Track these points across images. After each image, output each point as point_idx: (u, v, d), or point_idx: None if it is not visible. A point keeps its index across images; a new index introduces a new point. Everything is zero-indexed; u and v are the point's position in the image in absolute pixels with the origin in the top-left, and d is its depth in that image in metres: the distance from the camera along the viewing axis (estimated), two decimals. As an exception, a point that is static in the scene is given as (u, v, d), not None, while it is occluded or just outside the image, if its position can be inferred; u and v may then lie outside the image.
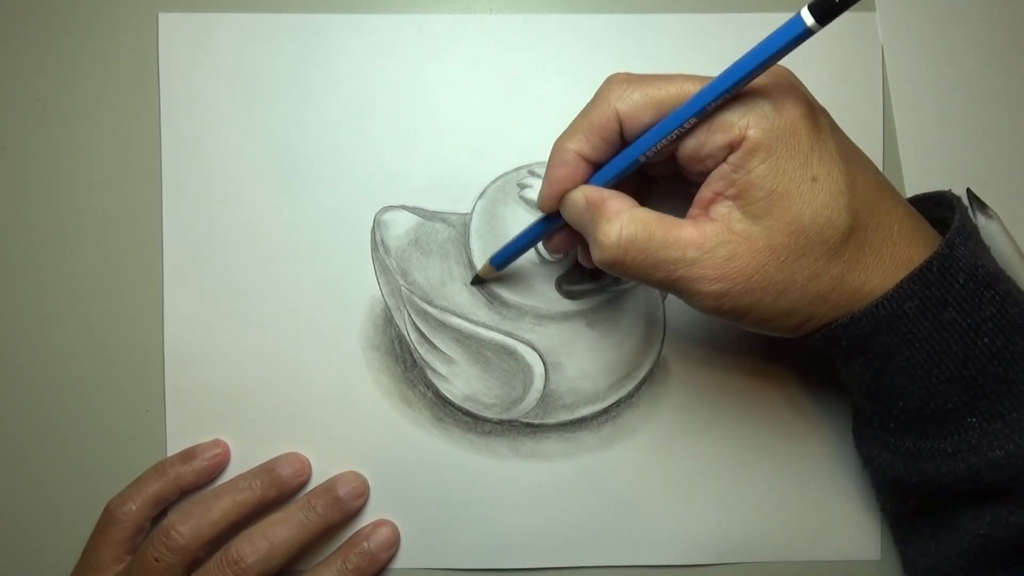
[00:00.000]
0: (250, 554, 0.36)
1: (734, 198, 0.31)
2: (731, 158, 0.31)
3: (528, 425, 0.41)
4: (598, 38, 0.42)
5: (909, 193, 0.42)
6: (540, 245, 0.41)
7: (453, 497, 0.41)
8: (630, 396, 0.42)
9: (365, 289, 0.41)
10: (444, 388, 0.41)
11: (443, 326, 0.41)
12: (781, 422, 0.42)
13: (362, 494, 0.41)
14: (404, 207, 0.42)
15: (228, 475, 0.41)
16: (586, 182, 0.34)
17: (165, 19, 0.42)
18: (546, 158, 0.42)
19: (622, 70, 0.42)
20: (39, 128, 0.42)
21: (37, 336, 0.42)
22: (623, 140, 0.33)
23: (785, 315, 0.32)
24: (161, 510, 0.40)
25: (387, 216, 0.42)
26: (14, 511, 0.42)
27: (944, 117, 0.43)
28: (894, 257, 0.31)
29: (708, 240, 0.31)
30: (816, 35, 0.44)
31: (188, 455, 0.40)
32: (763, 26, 0.42)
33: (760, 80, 0.31)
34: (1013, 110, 0.43)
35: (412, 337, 0.41)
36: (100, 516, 0.39)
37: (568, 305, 0.41)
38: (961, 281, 0.31)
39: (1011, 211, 0.42)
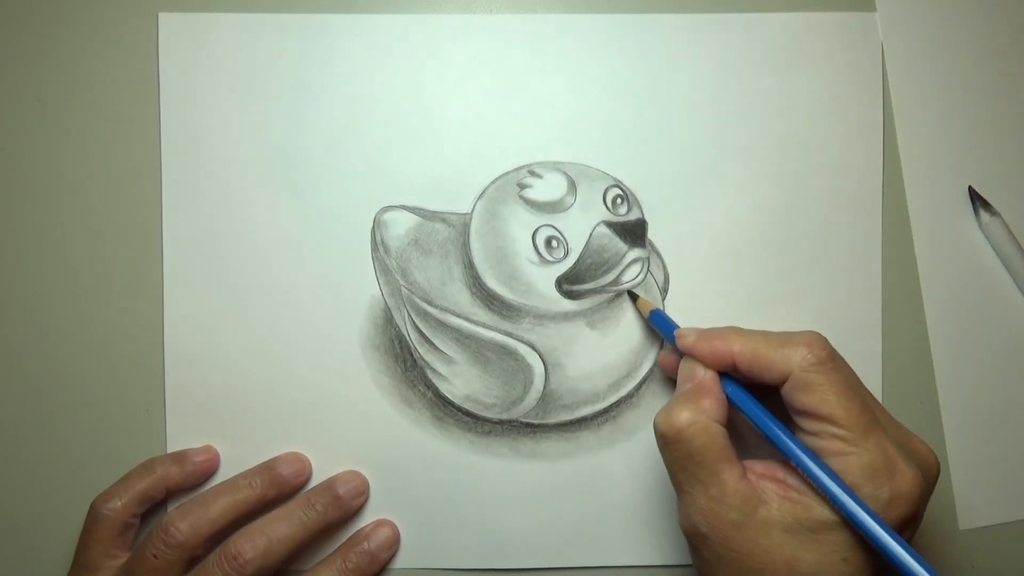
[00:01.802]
0: (249, 550, 0.36)
1: (786, 500, 0.32)
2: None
3: (528, 425, 0.41)
4: (598, 38, 0.42)
5: (909, 194, 0.42)
6: (542, 244, 0.41)
7: (453, 497, 0.41)
8: (630, 396, 0.42)
9: (365, 289, 0.41)
10: (444, 388, 0.41)
11: (443, 326, 0.41)
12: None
13: (362, 493, 0.41)
14: (404, 207, 0.42)
15: (227, 475, 0.40)
16: (722, 371, 0.35)
17: (165, 19, 0.42)
18: (546, 158, 0.42)
19: (622, 70, 0.42)
20: (39, 128, 0.42)
21: (37, 336, 0.42)
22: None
23: None
24: (149, 507, 0.40)
25: (387, 216, 0.42)
26: (14, 511, 0.42)
27: (944, 116, 0.43)
28: None
29: (735, 498, 0.32)
30: (816, 35, 0.44)
31: (178, 457, 0.40)
32: (763, 26, 0.42)
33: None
34: (1013, 109, 0.43)
35: (412, 337, 0.41)
36: (87, 514, 0.39)
37: (568, 305, 0.41)
38: None
39: (1012, 210, 0.42)
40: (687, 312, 0.41)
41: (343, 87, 0.42)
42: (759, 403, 0.34)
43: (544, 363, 0.41)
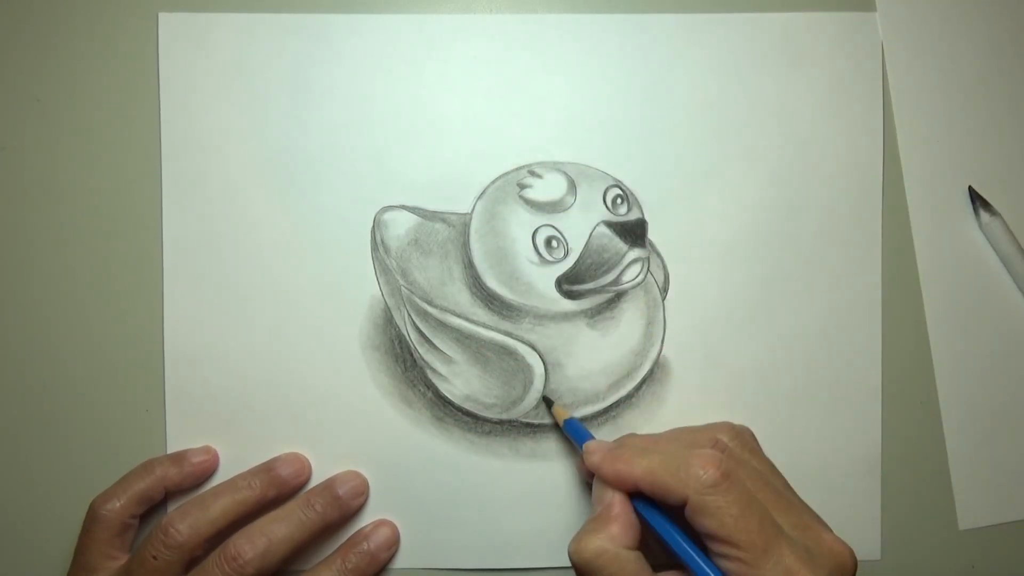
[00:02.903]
0: (248, 551, 0.36)
1: None
2: None
3: (528, 425, 0.41)
4: (598, 38, 0.42)
5: (909, 194, 0.42)
6: (542, 244, 0.41)
7: (453, 497, 0.41)
8: (630, 396, 0.42)
9: (365, 289, 0.41)
10: (444, 388, 0.41)
11: (443, 326, 0.41)
12: (780, 423, 0.42)
13: (361, 493, 0.41)
14: (404, 207, 0.42)
15: (227, 475, 0.40)
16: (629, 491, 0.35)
17: (165, 19, 0.42)
18: (546, 158, 0.42)
19: (622, 70, 0.42)
20: (39, 128, 0.42)
21: (37, 336, 0.42)
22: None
23: None
24: (148, 508, 0.40)
25: (387, 216, 0.41)
26: (13, 511, 0.42)
27: (944, 116, 0.43)
28: None
29: None
30: (816, 35, 0.44)
31: (177, 458, 0.40)
32: (763, 26, 0.42)
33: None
34: (1013, 109, 0.43)
35: (412, 337, 0.41)
36: (85, 515, 0.39)
37: (568, 305, 0.41)
38: None
39: (1012, 210, 0.42)
40: (687, 312, 0.41)
41: (343, 87, 0.42)
42: (671, 523, 0.33)
43: (544, 363, 0.41)
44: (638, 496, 0.34)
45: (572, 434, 0.39)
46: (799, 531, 0.33)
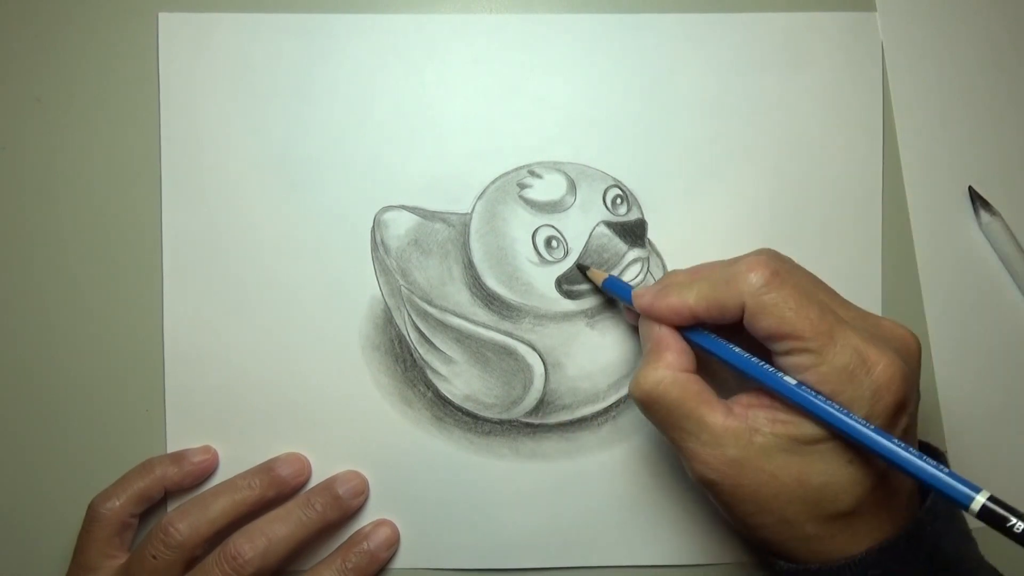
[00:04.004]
0: (248, 550, 0.36)
1: (778, 422, 0.32)
2: None
3: (528, 425, 0.41)
4: (598, 38, 0.42)
5: (909, 194, 0.42)
6: (541, 244, 0.41)
7: (453, 497, 0.41)
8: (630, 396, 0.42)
9: (365, 289, 0.41)
10: (444, 388, 0.41)
11: (443, 326, 0.41)
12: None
13: (361, 493, 0.41)
14: (404, 207, 0.42)
15: (227, 475, 0.40)
16: (678, 326, 0.35)
17: (165, 19, 0.42)
18: (546, 158, 0.42)
19: (622, 70, 0.42)
20: (39, 128, 0.42)
21: (37, 336, 0.42)
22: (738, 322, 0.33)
23: (753, 529, 0.33)
24: (147, 507, 0.40)
25: (387, 216, 0.41)
26: (13, 511, 0.41)
27: (944, 116, 0.43)
28: (867, 522, 0.32)
29: (726, 436, 0.32)
30: (816, 35, 0.44)
31: (177, 457, 0.40)
32: (763, 26, 0.42)
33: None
34: (1013, 109, 0.43)
35: (412, 337, 0.41)
36: (85, 514, 0.39)
37: (568, 305, 0.41)
38: (921, 558, 0.32)
39: (1012, 210, 0.42)
40: (687, 312, 0.41)
41: (343, 87, 0.42)
42: (726, 342, 0.34)
43: (544, 363, 0.41)
44: (691, 329, 0.34)
45: (614, 289, 0.39)
46: (858, 319, 0.33)
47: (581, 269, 0.41)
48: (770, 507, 0.32)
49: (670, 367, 0.33)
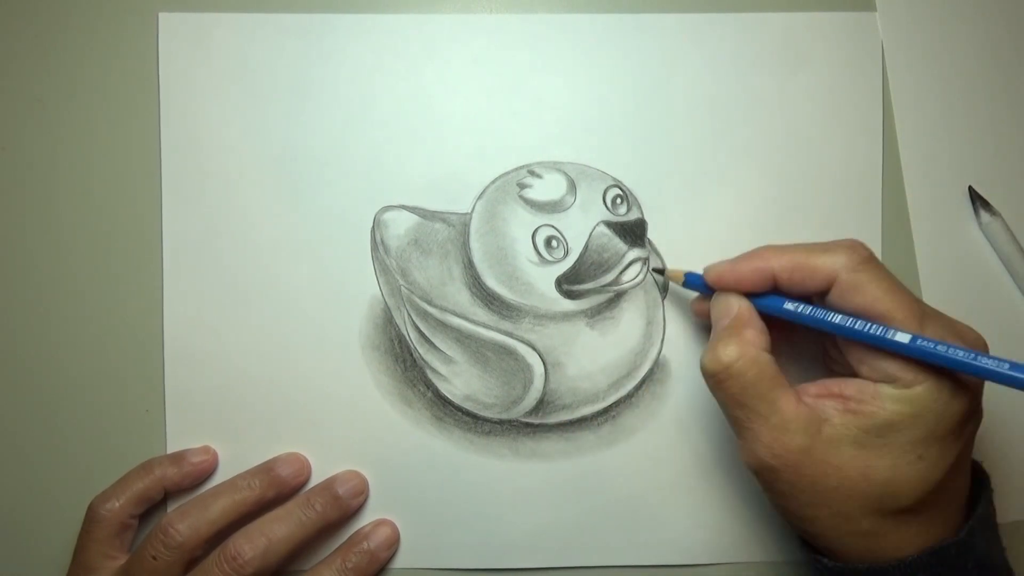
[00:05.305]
0: (248, 550, 0.36)
1: (848, 413, 0.31)
2: (883, 388, 0.31)
3: (528, 425, 0.41)
4: (598, 38, 0.42)
5: (910, 194, 0.42)
6: (541, 244, 0.41)
7: (453, 497, 0.41)
8: (630, 396, 0.41)
9: (365, 289, 0.41)
10: (444, 388, 0.41)
11: (443, 326, 0.41)
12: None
13: (361, 492, 0.41)
14: (404, 207, 0.42)
15: (227, 475, 0.40)
16: (753, 294, 0.35)
17: (165, 19, 0.42)
18: (546, 158, 0.42)
19: (622, 70, 0.42)
20: (39, 128, 0.42)
21: (37, 336, 0.42)
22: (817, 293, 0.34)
23: (805, 520, 0.32)
24: (147, 508, 0.40)
25: (387, 216, 0.42)
26: (13, 511, 0.42)
27: (945, 116, 0.43)
28: (922, 523, 0.32)
29: (796, 422, 0.31)
30: (816, 35, 0.44)
31: (176, 458, 0.40)
32: (763, 26, 0.42)
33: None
34: (1013, 109, 0.43)
35: (412, 337, 0.41)
36: (85, 515, 0.39)
37: (568, 305, 0.41)
38: (970, 567, 0.31)
39: (1012, 210, 0.42)
40: (686, 311, 0.41)
41: (343, 87, 0.42)
42: (809, 302, 0.34)
43: (544, 363, 0.41)
44: (759, 299, 0.34)
45: (693, 282, 0.39)
46: (939, 316, 0.33)
47: (658, 271, 0.41)
48: (828, 499, 0.31)
49: (750, 344, 0.33)
